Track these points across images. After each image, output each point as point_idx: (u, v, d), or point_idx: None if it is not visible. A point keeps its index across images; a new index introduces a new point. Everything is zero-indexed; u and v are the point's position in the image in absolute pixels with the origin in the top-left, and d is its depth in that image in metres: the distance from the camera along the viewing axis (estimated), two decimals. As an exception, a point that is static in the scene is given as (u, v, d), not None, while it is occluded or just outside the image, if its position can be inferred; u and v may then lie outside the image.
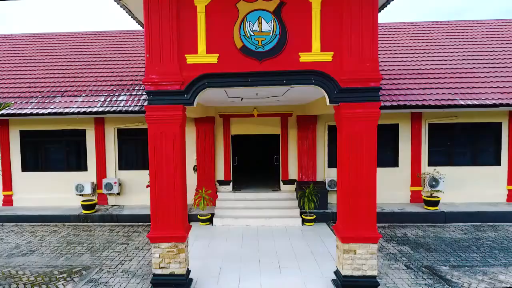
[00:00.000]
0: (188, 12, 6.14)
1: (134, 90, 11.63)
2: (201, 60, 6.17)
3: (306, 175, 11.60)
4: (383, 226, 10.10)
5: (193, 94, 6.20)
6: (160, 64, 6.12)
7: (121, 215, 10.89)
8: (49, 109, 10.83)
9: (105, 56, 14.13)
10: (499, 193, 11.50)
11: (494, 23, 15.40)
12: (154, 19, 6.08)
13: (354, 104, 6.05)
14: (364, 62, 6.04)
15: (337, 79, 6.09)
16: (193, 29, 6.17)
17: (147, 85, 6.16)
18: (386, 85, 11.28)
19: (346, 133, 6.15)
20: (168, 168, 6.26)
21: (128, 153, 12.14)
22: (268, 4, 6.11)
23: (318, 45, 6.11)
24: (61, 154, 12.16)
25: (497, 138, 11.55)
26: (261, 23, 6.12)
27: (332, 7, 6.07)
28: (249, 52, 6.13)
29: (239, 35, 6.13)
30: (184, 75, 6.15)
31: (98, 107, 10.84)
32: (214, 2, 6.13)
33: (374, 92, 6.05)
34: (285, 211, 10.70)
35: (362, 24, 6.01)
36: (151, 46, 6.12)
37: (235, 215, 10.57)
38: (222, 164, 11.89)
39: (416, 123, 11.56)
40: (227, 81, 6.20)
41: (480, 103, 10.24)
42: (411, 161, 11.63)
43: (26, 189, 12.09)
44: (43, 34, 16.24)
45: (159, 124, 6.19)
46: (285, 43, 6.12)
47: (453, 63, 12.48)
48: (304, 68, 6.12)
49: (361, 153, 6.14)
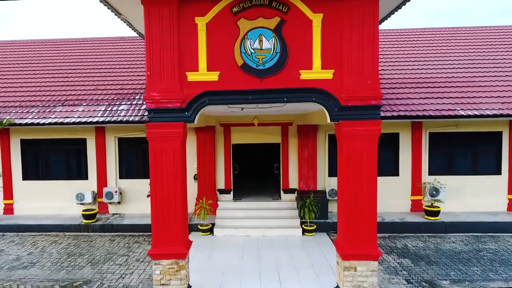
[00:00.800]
0: (188, 30, 6.15)
1: (135, 99, 11.65)
2: (202, 77, 6.18)
3: (306, 184, 11.61)
4: (384, 237, 10.10)
5: (194, 112, 6.21)
6: (161, 82, 6.13)
7: (121, 225, 10.90)
8: (50, 119, 10.84)
9: (106, 63, 14.14)
10: (499, 202, 11.50)
11: (494, 30, 15.41)
12: (155, 37, 6.09)
13: (354, 122, 6.06)
14: (365, 80, 6.05)
15: (338, 97, 6.10)
16: (194, 46, 6.17)
17: (148, 102, 6.17)
18: (386, 95, 11.28)
19: (347, 150, 6.16)
20: (169, 185, 6.27)
21: (128, 162, 12.16)
22: (269, 22, 6.11)
23: (318, 62, 6.12)
24: (61, 162, 12.17)
25: (497, 147, 11.54)
26: (262, 40, 6.13)
27: (333, 25, 6.08)
28: (250, 70, 6.14)
29: (240, 52, 6.14)
30: (185, 93, 6.16)
31: (98, 117, 10.85)
32: (215, 19, 6.14)
33: (375, 110, 6.06)
34: (286, 221, 10.71)
35: (362, 42, 6.01)
36: (152, 64, 6.13)
37: (236, 225, 10.58)
38: (222, 173, 11.90)
39: (417, 132, 11.56)
40: (228, 98, 6.21)
41: (480, 114, 10.25)
42: (411, 170, 11.63)
43: (26, 198, 12.10)
44: (43, 40, 16.27)
45: (160, 141, 6.20)
46: (285, 61, 6.12)
47: (454, 71, 12.49)
48: (304, 86, 6.13)
49: (362, 170, 6.15)
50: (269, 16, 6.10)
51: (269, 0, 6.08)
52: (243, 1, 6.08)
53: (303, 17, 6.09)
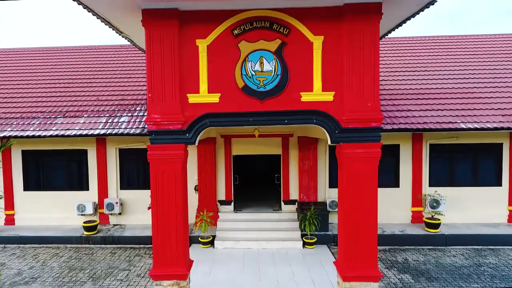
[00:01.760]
0: (190, 52, 6.17)
1: (136, 111, 11.66)
2: (203, 99, 6.21)
3: (307, 196, 11.63)
4: (384, 250, 10.12)
5: (195, 134, 6.23)
6: (162, 104, 6.15)
7: (122, 237, 10.93)
8: (51, 131, 10.87)
9: (107, 72, 14.17)
10: (500, 214, 11.51)
11: (495, 38, 15.40)
12: (156, 59, 6.11)
13: (355, 144, 6.08)
14: (366, 102, 6.07)
15: (338, 119, 6.12)
16: (194, 68, 6.20)
17: (149, 124, 6.19)
18: (387, 106, 11.30)
19: (347, 172, 6.18)
20: (170, 206, 6.30)
21: (129, 173, 12.18)
22: (270, 44, 6.13)
23: (319, 84, 6.14)
24: (63, 173, 12.19)
25: (498, 158, 11.55)
26: (263, 63, 6.15)
27: (333, 47, 6.10)
28: (250, 92, 6.16)
29: (241, 74, 6.16)
30: (186, 115, 6.18)
31: (99, 129, 10.88)
32: (216, 42, 6.16)
33: (375, 132, 6.08)
34: (286, 233, 10.73)
35: (363, 64, 6.03)
36: (153, 86, 6.15)
37: (236, 237, 10.60)
38: (223, 184, 11.91)
39: (417, 143, 11.57)
40: (229, 120, 6.23)
41: (481, 127, 10.27)
42: (412, 181, 11.64)
43: (28, 209, 12.13)
44: (44, 49, 16.29)
45: (161, 163, 6.22)
46: (286, 83, 6.15)
47: (454, 82, 12.49)
48: (305, 108, 6.15)
49: (362, 192, 6.17)
50: (270, 39, 6.12)
51: (270, 23, 6.10)
52: (243, 23, 6.10)
53: (304, 39, 6.11)
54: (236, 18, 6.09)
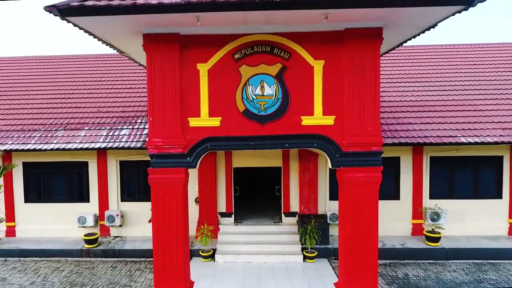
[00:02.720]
0: (191, 76, 6.19)
1: (136, 123, 11.68)
2: (203, 123, 6.23)
3: (307, 208, 11.64)
4: (385, 264, 10.12)
5: (195, 157, 6.25)
6: (163, 128, 6.18)
7: (123, 250, 10.94)
8: (52, 145, 10.89)
9: (108, 83, 14.18)
10: (500, 226, 11.51)
11: (495, 47, 15.40)
12: (157, 83, 6.13)
13: (355, 169, 6.10)
14: (366, 126, 6.08)
15: (339, 143, 6.14)
16: (195, 92, 6.21)
17: (150, 148, 6.21)
18: (387, 119, 11.31)
19: (348, 195, 6.19)
20: (171, 228, 6.32)
21: (130, 185, 12.19)
22: (271, 68, 6.15)
23: (320, 108, 6.16)
24: (63, 185, 12.20)
25: (498, 171, 11.55)
26: (264, 87, 6.17)
27: (334, 71, 6.11)
28: (251, 116, 6.18)
29: (242, 98, 6.18)
30: (187, 139, 6.20)
31: (100, 142, 10.90)
32: (217, 66, 6.18)
33: (376, 156, 6.10)
34: (287, 247, 10.73)
35: (364, 89, 6.05)
36: (154, 110, 6.17)
37: (237, 251, 10.60)
38: (223, 196, 11.92)
39: (418, 156, 11.56)
40: (230, 144, 6.26)
41: (481, 141, 10.28)
42: (412, 193, 11.64)
43: (28, 220, 12.13)
44: (44, 57, 16.30)
45: (162, 187, 6.24)
46: (287, 107, 6.17)
47: (455, 94, 12.50)
48: (306, 132, 6.17)
49: (363, 215, 6.19)
50: (271, 63, 6.14)
51: (270, 47, 6.12)
52: (244, 48, 6.12)
53: (304, 63, 6.13)
54: (237, 43, 6.11)
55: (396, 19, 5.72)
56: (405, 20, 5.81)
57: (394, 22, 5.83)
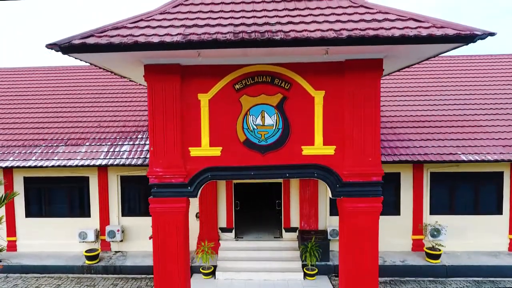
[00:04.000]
0: (191, 106, 6.22)
1: (137, 139, 11.70)
2: (204, 153, 6.25)
3: (308, 224, 11.66)
4: (385, 282, 10.14)
5: (196, 187, 6.27)
6: (164, 158, 6.20)
7: (124, 266, 10.97)
8: (53, 161, 10.92)
9: (108, 95, 14.19)
10: (500, 242, 11.53)
11: (495, 58, 15.38)
12: (158, 114, 6.16)
13: (356, 199, 6.12)
14: (366, 157, 6.10)
15: (339, 173, 6.16)
16: (196, 122, 6.24)
17: (151, 178, 6.23)
18: (388, 135, 11.32)
19: (348, 225, 6.21)
20: (172, 256, 6.35)
21: (131, 200, 12.22)
22: (271, 98, 6.17)
23: (320, 138, 6.18)
24: (64, 200, 12.23)
25: (498, 187, 11.56)
26: (264, 117, 6.19)
27: (334, 102, 6.13)
28: (252, 146, 6.20)
29: (242, 128, 6.20)
30: (187, 168, 6.22)
31: (101, 159, 10.93)
32: (218, 96, 6.20)
33: (376, 186, 6.12)
34: (287, 264, 10.75)
35: (364, 119, 6.07)
36: (155, 140, 6.20)
37: (238, 268, 10.63)
38: (224, 211, 11.93)
39: (418, 171, 11.58)
40: (230, 174, 6.28)
41: (481, 159, 10.29)
42: (413, 209, 11.66)
43: (29, 235, 12.16)
44: (44, 68, 16.29)
45: (163, 216, 6.26)
46: (288, 137, 6.18)
47: (455, 108, 12.49)
48: (306, 162, 6.19)
49: (363, 245, 6.21)
50: (271, 93, 6.16)
51: (271, 77, 6.14)
52: (245, 78, 6.14)
53: (305, 94, 6.15)
54: (237, 73, 6.13)
55: (396, 52, 5.74)
56: (405, 53, 5.83)
57: (394, 54, 5.85)
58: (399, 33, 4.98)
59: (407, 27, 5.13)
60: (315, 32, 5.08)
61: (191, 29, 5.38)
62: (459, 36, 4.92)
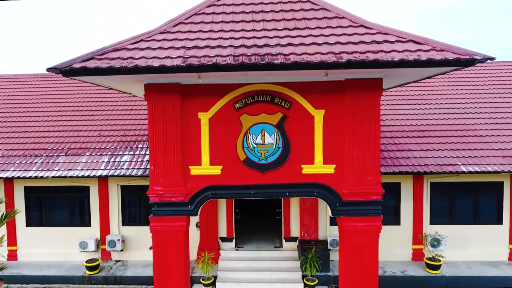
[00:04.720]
0: (192, 125, 6.24)
1: (138, 149, 11.72)
2: (204, 171, 6.27)
3: (308, 233, 11.66)
4: (385, 293, 10.14)
5: (196, 205, 6.29)
6: (164, 176, 6.22)
7: (124, 277, 10.99)
8: (54, 172, 10.96)
9: (109, 103, 14.21)
10: (501, 252, 11.54)
11: (495, 66, 15.37)
12: (158, 133, 6.17)
13: (356, 218, 6.13)
14: (367, 176, 6.12)
15: (339, 192, 6.17)
16: (197, 141, 6.26)
17: (151, 196, 6.25)
18: (388, 145, 11.34)
19: (348, 243, 6.23)
20: (172, 274, 6.37)
21: (131, 209, 12.23)
22: (271, 117, 6.19)
23: (320, 157, 6.19)
24: (65, 209, 12.24)
25: (499, 196, 11.57)
26: (264, 136, 6.21)
27: (334, 121, 6.15)
28: (252, 164, 6.22)
29: (243, 147, 6.22)
30: (188, 187, 6.24)
31: (102, 169, 10.95)
32: (218, 115, 6.22)
33: (376, 205, 6.13)
34: (287, 274, 10.76)
35: (364, 138, 6.09)
36: (156, 159, 6.22)
37: (238, 278, 10.64)
38: (224, 221, 11.94)
39: (418, 181, 11.58)
40: (231, 193, 6.31)
41: (481, 170, 10.30)
42: (413, 219, 11.66)
43: (30, 244, 12.17)
44: (45, 76, 16.28)
45: (163, 234, 6.28)
46: (288, 155, 6.20)
47: (455, 118, 12.50)
48: (306, 181, 6.21)
49: (363, 262, 6.23)
50: (271, 112, 6.18)
51: (271, 97, 6.15)
52: (245, 97, 6.16)
53: (305, 113, 6.17)
54: (237, 92, 6.15)
55: (396, 72, 5.76)
56: (405, 73, 5.84)
57: (394, 74, 5.87)
58: (398, 57, 5.00)
59: (407, 50, 5.14)
60: (315, 55, 5.09)
61: (192, 51, 5.39)
62: (459, 61, 4.93)
